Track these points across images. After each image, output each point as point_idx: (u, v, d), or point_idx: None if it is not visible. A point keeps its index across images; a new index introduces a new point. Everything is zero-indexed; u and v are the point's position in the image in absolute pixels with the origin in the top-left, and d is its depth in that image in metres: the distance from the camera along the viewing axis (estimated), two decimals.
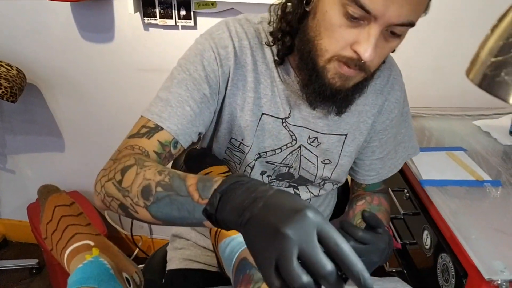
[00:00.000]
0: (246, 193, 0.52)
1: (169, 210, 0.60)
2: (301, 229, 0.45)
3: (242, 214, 0.50)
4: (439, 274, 1.02)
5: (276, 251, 0.44)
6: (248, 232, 0.50)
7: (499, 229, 0.97)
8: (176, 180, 0.61)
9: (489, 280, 0.82)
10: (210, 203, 0.55)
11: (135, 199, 0.63)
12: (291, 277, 0.43)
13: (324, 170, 0.94)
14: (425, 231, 1.10)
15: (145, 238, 2.03)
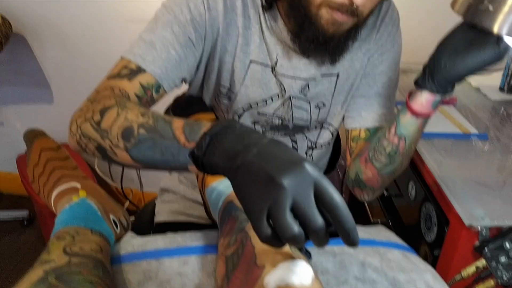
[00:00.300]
0: (238, 138, 0.51)
1: (151, 153, 0.58)
2: (298, 181, 0.44)
3: (232, 159, 0.49)
4: (422, 223, 1.04)
5: (270, 200, 0.44)
6: (238, 178, 0.49)
7: (482, 180, 0.99)
8: (161, 123, 0.59)
9: (470, 226, 0.84)
10: (198, 145, 0.54)
11: (115, 141, 0.61)
12: (283, 227, 0.43)
13: (319, 114, 0.93)
14: (410, 183, 1.12)
15: (136, 191, 2.04)
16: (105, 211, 0.79)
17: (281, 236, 0.43)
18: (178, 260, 0.74)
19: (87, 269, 0.60)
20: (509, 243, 0.79)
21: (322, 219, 0.44)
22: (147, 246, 0.77)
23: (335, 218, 0.44)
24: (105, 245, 0.70)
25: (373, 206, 1.41)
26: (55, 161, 0.83)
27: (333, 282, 0.71)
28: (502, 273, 0.78)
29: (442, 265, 0.96)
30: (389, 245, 0.85)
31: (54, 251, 0.64)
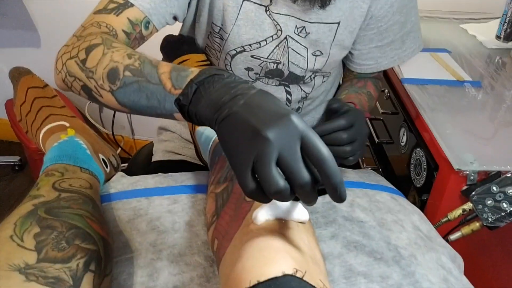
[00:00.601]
0: (226, 88, 0.49)
1: (136, 98, 0.56)
2: (284, 134, 0.42)
3: (219, 109, 0.48)
4: (412, 169, 1.05)
5: (254, 153, 0.42)
6: (224, 130, 0.47)
7: (473, 126, 0.99)
8: (147, 66, 0.57)
9: (458, 170, 0.85)
10: (184, 93, 0.52)
11: (100, 82, 0.59)
12: (268, 180, 0.41)
13: (316, 63, 0.90)
14: (402, 129, 1.12)
15: (127, 138, 2.03)
16: (95, 150, 0.79)
17: (266, 190, 0.42)
18: (168, 199, 0.74)
19: (77, 203, 0.60)
20: (496, 187, 0.80)
21: (308, 173, 0.42)
22: (138, 185, 0.78)
23: (322, 172, 0.42)
24: (94, 182, 0.70)
25: (365, 154, 1.42)
26: (42, 99, 0.81)
27: (321, 221, 0.72)
28: (488, 215, 0.79)
29: (430, 209, 0.97)
30: (378, 188, 0.86)
31: (43, 187, 0.64)
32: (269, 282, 0.40)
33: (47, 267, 0.48)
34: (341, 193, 0.43)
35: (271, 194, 0.42)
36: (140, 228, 0.68)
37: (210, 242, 0.63)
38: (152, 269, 0.62)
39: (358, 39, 0.93)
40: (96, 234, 0.57)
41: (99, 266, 0.54)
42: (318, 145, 0.42)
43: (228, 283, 0.45)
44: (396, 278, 0.64)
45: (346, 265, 0.65)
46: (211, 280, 0.61)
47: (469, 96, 1.09)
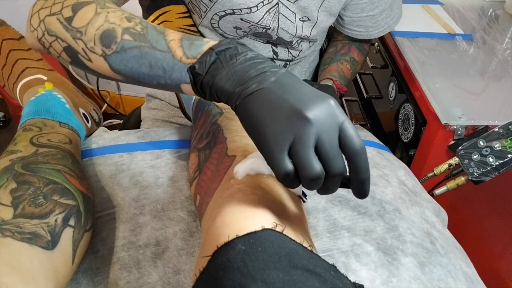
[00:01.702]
0: (251, 62, 0.45)
1: (136, 65, 0.51)
2: (326, 118, 0.40)
3: (243, 84, 0.44)
4: (400, 124, 1.04)
5: (293, 134, 0.40)
6: (251, 105, 0.43)
7: (463, 80, 0.97)
8: (152, 31, 0.51)
9: (446, 125, 0.84)
10: (200, 61, 0.47)
11: (90, 44, 0.52)
12: (306, 164, 0.39)
13: (303, 29, 0.88)
14: (391, 83, 1.10)
15: (113, 94, 1.99)
16: (75, 105, 0.76)
17: (301, 174, 0.39)
18: (151, 154, 0.73)
19: (55, 158, 0.59)
20: (483, 141, 0.79)
21: (341, 164, 0.40)
22: (120, 140, 0.76)
23: (353, 165, 0.40)
24: (74, 137, 0.68)
25: (353, 109, 1.40)
26: (18, 51, 0.78)
27: None
28: (473, 170, 0.79)
29: (416, 164, 0.97)
30: (365, 143, 0.85)
31: (21, 142, 0.62)
32: (248, 236, 0.39)
33: (24, 222, 0.47)
34: (366, 189, 0.42)
35: (306, 179, 0.40)
36: (123, 183, 0.67)
37: (192, 197, 0.62)
38: (134, 224, 0.61)
39: (350, 7, 0.91)
40: (75, 189, 0.56)
41: (79, 222, 0.53)
42: (355, 137, 0.40)
43: (208, 238, 0.44)
44: (379, 231, 0.64)
45: (330, 219, 0.65)
46: (194, 235, 0.61)
47: (460, 49, 1.07)
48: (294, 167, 0.40)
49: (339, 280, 0.41)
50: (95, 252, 0.58)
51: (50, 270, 0.45)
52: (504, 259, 0.94)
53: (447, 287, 0.60)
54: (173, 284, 0.55)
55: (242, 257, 0.38)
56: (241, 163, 0.52)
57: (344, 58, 0.99)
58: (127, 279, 0.55)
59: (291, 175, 0.40)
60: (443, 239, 0.68)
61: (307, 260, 0.40)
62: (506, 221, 0.93)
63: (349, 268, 0.58)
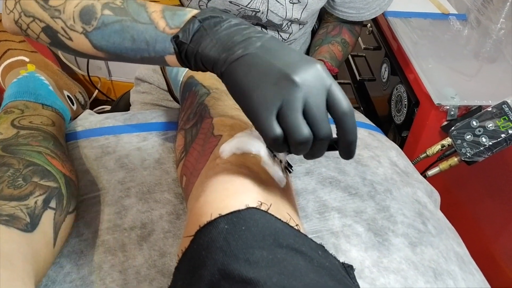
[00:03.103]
0: (236, 28, 0.45)
1: (118, 39, 0.49)
2: (313, 82, 0.39)
3: (229, 50, 0.43)
4: (393, 106, 1.03)
5: (281, 98, 0.39)
6: (238, 70, 0.42)
7: (456, 60, 0.96)
8: (132, 4, 0.50)
9: (439, 105, 0.83)
10: (184, 29, 0.46)
11: (70, 22, 0.51)
12: (295, 127, 0.39)
13: (294, 11, 0.86)
14: (384, 65, 1.09)
15: (104, 80, 1.96)
16: (59, 87, 0.74)
17: (290, 139, 0.39)
18: (138, 136, 0.71)
19: (36, 140, 0.57)
20: (476, 121, 0.78)
21: (329, 127, 0.40)
22: (106, 122, 0.74)
23: (341, 127, 0.41)
24: (58, 119, 0.67)
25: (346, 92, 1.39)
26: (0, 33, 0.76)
27: (296, 157, 0.70)
28: (466, 150, 0.78)
29: (409, 145, 0.96)
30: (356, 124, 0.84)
31: (2, 124, 0.60)
32: (231, 215, 0.38)
33: (2, 205, 0.46)
34: (353, 151, 0.42)
35: (295, 143, 0.40)
36: (108, 166, 0.66)
37: (179, 179, 0.60)
38: (120, 207, 0.60)
39: None
40: (57, 171, 0.54)
41: (61, 204, 0.51)
42: (343, 99, 0.40)
43: (191, 218, 0.43)
44: (370, 212, 0.63)
45: (320, 200, 0.64)
46: (181, 217, 0.59)
47: (453, 29, 1.05)
48: (282, 131, 0.40)
49: (326, 259, 0.40)
50: (79, 235, 0.57)
51: (29, 252, 0.44)
52: (496, 240, 0.93)
53: (438, 267, 0.59)
54: (159, 266, 0.54)
55: (225, 237, 0.37)
56: (227, 142, 0.50)
57: (335, 40, 0.97)
58: (111, 262, 0.54)
59: (280, 139, 0.40)
60: (435, 220, 0.67)
61: (292, 239, 0.39)
62: (498, 202, 0.92)
63: (339, 249, 0.57)
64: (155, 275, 0.53)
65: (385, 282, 0.54)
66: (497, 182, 0.92)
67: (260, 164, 0.48)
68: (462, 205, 1.01)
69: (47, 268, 0.49)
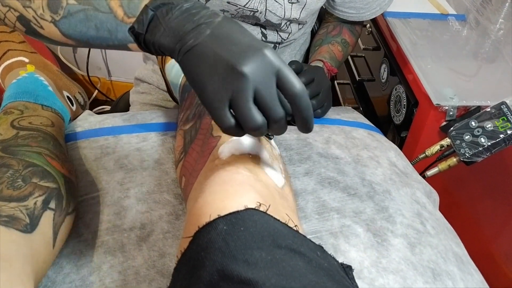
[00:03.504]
0: (187, 14, 0.45)
1: (84, 28, 0.51)
2: (260, 69, 0.41)
3: (181, 39, 0.44)
4: (392, 106, 1.03)
5: (231, 89, 0.41)
6: (190, 62, 0.44)
7: (455, 61, 0.96)
8: None
9: (438, 105, 0.83)
10: (138, 20, 0.47)
11: (40, 11, 0.52)
12: (247, 117, 0.41)
13: (292, 11, 0.86)
14: (383, 65, 1.09)
15: (104, 80, 1.97)
16: (58, 87, 0.75)
17: (244, 127, 0.42)
18: (137, 137, 0.71)
19: (35, 141, 0.57)
20: (475, 122, 0.78)
21: (283, 110, 0.42)
22: (105, 123, 0.74)
23: (295, 106, 0.42)
24: (57, 120, 0.67)
25: (345, 93, 1.39)
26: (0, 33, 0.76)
27: (296, 158, 0.71)
28: (465, 151, 0.78)
29: (408, 146, 0.96)
30: (356, 124, 0.84)
31: (1, 125, 0.60)
32: (230, 216, 0.38)
33: (1, 205, 0.46)
34: (309, 126, 0.44)
35: (249, 131, 0.42)
36: (108, 166, 0.66)
37: (178, 180, 0.61)
38: (119, 208, 0.60)
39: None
40: (56, 172, 0.54)
41: (60, 204, 0.51)
42: (293, 80, 0.42)
43: (190, 218, 0.43)
44: (369, 213, 0.63)
45: (319, 201, 0.64)
46: (180, 217, 0.60)
47: (452, 30, 1.05)
48: (235, 120, 0.42)
49: (325, 260, 0.40)
50: (78, 236, 0.57)
51: (28, 253, 0.44)
52: (495, 240, 0.94)
53: (437, 268, 0.59)
54: (158, 267, 0.54)
55: (224, 237, 0.37)
56: (226, 143, 0.50)
57: (335, 40, 0.97)
58: (111, 263, 0.54)
59: (233, 128, 0.42)
60: (434, 220, 0.67)
61: (291, 240, 0.39)
62: (497, 202, 0.92)
63: (338, 249, 0.58)
64: (154, 275, 0.53)
65: (384, 283, 0.55)
66: (496, 183, 0.92)
67: (258, 165, 0.48)
68: (461, 205, 1.01)
69: (47, 269, 0.49)
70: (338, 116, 0.86)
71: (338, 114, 0.87)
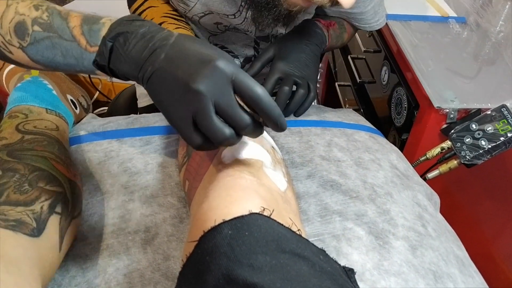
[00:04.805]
0: (143, 41, 0.46)
1: (51, 55, 0.51)
2: (214, 82, 0.41)
3: (142, 67, 0.45)
4: (393, 108, 1.03)
5: (192, 109, 0.42)
6: (153, 88, 0.45)
7: (456, 63, 0.97)
8: (57, 19, 0.50)
9: (439, 108, 0.84)
10: (99, 52, 0.48)
11: (8, 37, 0.52)
12: (214, 132, 0.42)
13: (278, 28, 0.85)
14: (384, 68, 1.09)
15: (105, 81, 1.97)
16: (62, 91, 0.75)
17: (213, 141, 0.43)
18: (140, 140, 0.72)
19: (41, 145, 0.58)
20: (475, 125, 0.79)
21: (247, 116, 0.43)
22: (109, 126, 0.75)
23: (259, 110, 0.42)
24: (61, 123, 0.67)
25: (346, 95, 1.40)
26: None
27: (298, 160, 0.71)
28: (466, 153, 0.79)
29: (409, 148, 0.97)
30: (357, 127, 0.84)
31: (6, 129, 0.61)
32: (235, 220, 0.39)
33: (8, 210, 0.47)
34: (281, 124, 0.44)
35: (219, 144, 0.43)
36: (112, 170, 0.66)
37: (181, 183, 0.61)
38: (124, 211, 0.61)
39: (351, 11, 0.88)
40: (62, 176, 0.55)
41: (66, 208, 0.52)
42: (250, 84, 0.42)
43: (194, 223, 0.43)
44: (371, 215, 0.64)
45: (321, 204, 0.64)
46: (184, 220, 0.60)
47: (453, 32, 1.06)
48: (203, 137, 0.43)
49: (328, 264, 0.41)
50: (83, 239, 0.57)
51: (35, 257, 0.44)
52: (496, 242, 0.94)
53: (438, 270, 0.60)
54: (163, 270, 0.54)
55: (229, 242, 0.38)
56: (229, 148, 0.51)
57: (333, 19, 0.93)
58: (116, 266, 0.54)
59: (204, 144, 0.44)
60: (435, 223, 0.68)
61: (295, 244, 0.40)
62: (498, 204, 0.93)
63: (341, 252, 0.58)
64: (159, 278, 0.53)
65: (386, 285, 0.55)
66: (496, 185, 0.93)
67: (262, 169, 0.49)
68: (461, 207, 1.02)
69: (53, 273, 0.50)
70: (339, 118, 0.87)
71: (340, 117, 0.88)
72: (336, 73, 1.50)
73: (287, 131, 0.77)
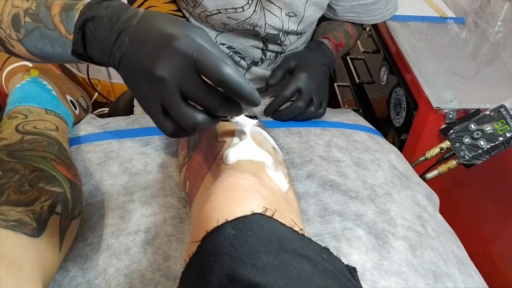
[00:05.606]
0: (109, 25, 0.45)
1: (42, 45, 0.51)
2: (176, 65, 0.40)
3: (111, 54, 0.44)
4: (392, 108, 1.04)
5: (158, 95, 0.41)
6: (123, 74, 0.44)
7: (454, 64, 0.97)
8: (42, 8, 0.50)
9: (437, 108, 0.84)
10: (75, 41, 0.47)
11: (8, 31, 0.53)
12: (183, 119, 0.41)
13: (290, 23, 0.86)
14: (383, 68, 1.10)
15: (104, 82, 1.97)
16: (61, 91, 0.75)
17: (185, 128, 0.42)
18: (140, 140, 0.72)
19: (41, 146, 0.58)
20: (474, 125, 0.79)
21: (217, 96, 0.41)
22: (108, 127, 0.75)
23: (226, 90, 0.40)
24: (61, 124, 0.67)
25: (345, 95, 1.40)
26: None
27: (297, 161, 0.71)
28: (465, 153, 0.79)
29: (408, 148, 0.97)
30: (356, 127, 0.85)
31: (6, 129, 0.61)
32: (237, 220, 0.39)
33: (8, 210, 0.46)
34: (254, 99, 0.41)
35: (191, 130, 0.42)
36: (111, 170, 0.66)
37: (182, 184, 0.61)
38: (124, 211, 0.61)
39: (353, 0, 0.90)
40: (62, 176, 0.55)
41: (66, 209, 0.52)
42: (214, 63, 0.39)
43: (197, 223, 0.43)
44: (370, 215, 0.64)
45: (321, 204, 0.65)
46: (184, 221, 0.60)
47: (451, 33, 1.06)
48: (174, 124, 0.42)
49: (330, 263, 0.41)
50: (84, 240, 0.57)
51: (35, 257, 0.44)
52: (495, 242, 0.94)
53: (438, 270, 0.60)
54: (163, 270, 0.54)
55: (232, 242, 0.38)
56: (230, 148, 0.51)
57: (338, 29, 0.96)
58: (116, 266, 0.54)
59: (177, 131, 0.42)
60: (434, 222, 0.68)
61: (297, 244, 0.40)
62: (497, 204, 0.93)
63: (340, 252, 0.58)
64: (159, 278, 0.53)
65: (385, 285, 0.55)
66: (495, 185, 0.93)
67: (263, 170, 0.49)
68: (461, 207, 1.02)
69: (54, 273, 0.50)
70: (338, 119, 0.87)
71: (339, 117, 0.88)
72: (335, 74, 1.51)
73: (286, 131, 0.77)
